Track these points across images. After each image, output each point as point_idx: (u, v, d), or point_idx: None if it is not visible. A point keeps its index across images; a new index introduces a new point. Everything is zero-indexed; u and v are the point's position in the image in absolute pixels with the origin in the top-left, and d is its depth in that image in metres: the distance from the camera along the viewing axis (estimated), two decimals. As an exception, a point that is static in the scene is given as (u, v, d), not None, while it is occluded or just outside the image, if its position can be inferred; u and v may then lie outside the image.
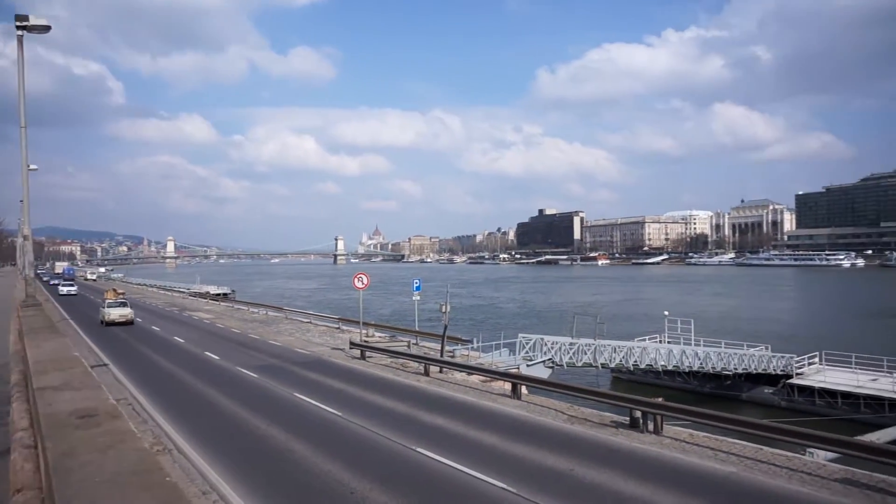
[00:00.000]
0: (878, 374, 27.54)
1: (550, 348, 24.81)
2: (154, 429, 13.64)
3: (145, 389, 17.90)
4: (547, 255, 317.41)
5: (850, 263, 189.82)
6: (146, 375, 20.47)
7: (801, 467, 11.41)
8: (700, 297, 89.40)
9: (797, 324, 59.31)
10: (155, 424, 14.06)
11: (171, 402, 16.47)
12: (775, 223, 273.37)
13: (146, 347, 27.58)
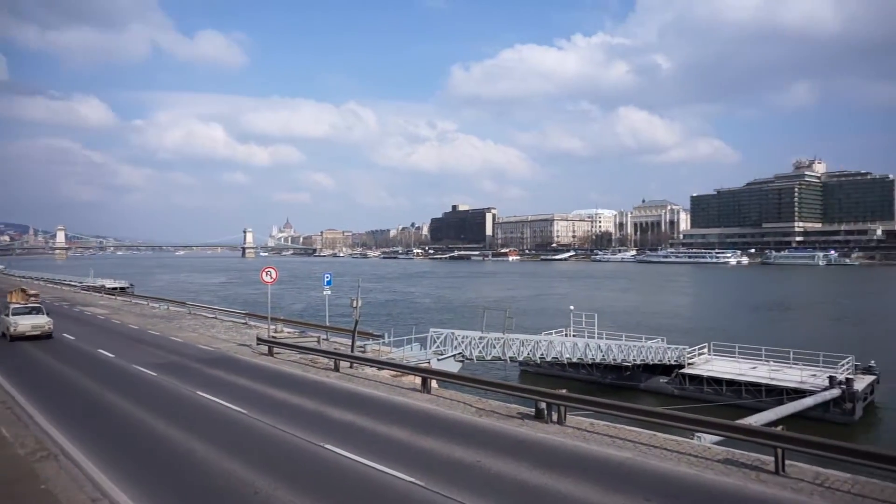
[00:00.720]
0: (757, 363, 29.98)
1: (461, 342, 25.17)
2: (38, 433, 12.68)
3: (27, 390, 16.60)
4: (460, 250, 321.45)
5: (736, 261, 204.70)
6: (28, 375, 18.99)
7: (690, 450, 12.25)
8: (604, 293, 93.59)
9: (690, 317, 63.39)
10: (39, 429, 13.08)
11: (58, 403, 15.37)
12: (672, 222, 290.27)
13: (27, 344, 25.53)
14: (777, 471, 10.69)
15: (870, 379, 26.90)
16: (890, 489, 10.01)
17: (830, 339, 40.83)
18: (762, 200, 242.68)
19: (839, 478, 10.51)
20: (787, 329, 51.76)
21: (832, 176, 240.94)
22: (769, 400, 25.68)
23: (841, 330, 50.82)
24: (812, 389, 25.40)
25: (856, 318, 60.46)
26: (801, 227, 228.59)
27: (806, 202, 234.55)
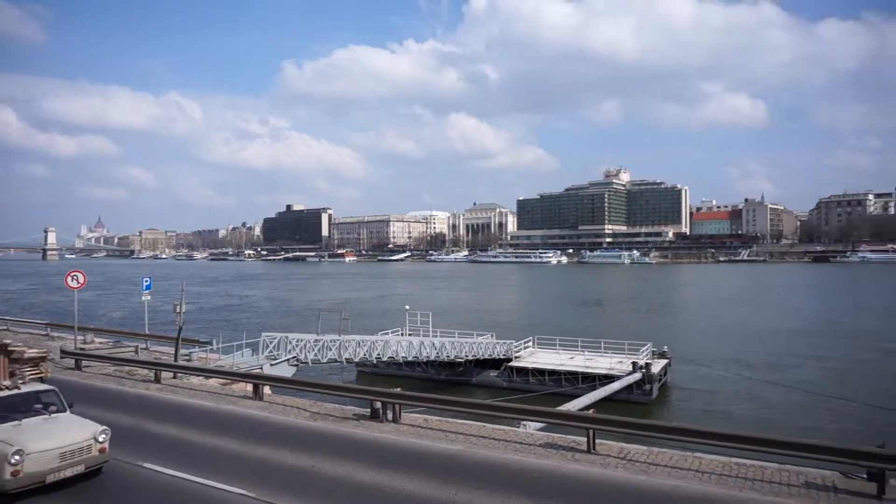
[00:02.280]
0: (574, 353, 32.86)
1: (295, 346, 24.52)
2: None
3: None
4: (295, 251, 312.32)
5: (557, 261, 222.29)
6: None
7: (515, 438, 13.13)
8: (442, 292, 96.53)
9: (517, 313, 67.64)
10: None
11: None
12: (501, 224, 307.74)
13: None
14: (589, 449, 11.87)
15: (664, 362, 30.63)
16: (677, 455, 11.58)
17: (634, 328, 45.97)
18: (579, 205, 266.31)
19: (639, 450, 11.94)
20: (600, 321, 57.31)
21: (635, 184, 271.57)
22: (584, 386, 28.13)
23: (642, 320, 57.41)
24: (619, 375, 28.32)
25: (653, 309, 68.73)
26: (610, 230, 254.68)
27: (614, 207, 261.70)
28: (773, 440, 10.57)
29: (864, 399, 25.02)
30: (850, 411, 23.73)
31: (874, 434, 19.22)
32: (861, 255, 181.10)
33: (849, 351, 38.51)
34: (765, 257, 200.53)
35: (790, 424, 22.88)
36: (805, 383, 28.85)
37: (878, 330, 47.35)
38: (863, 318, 56.89)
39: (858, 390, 27.65)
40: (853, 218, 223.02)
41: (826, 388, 27.82)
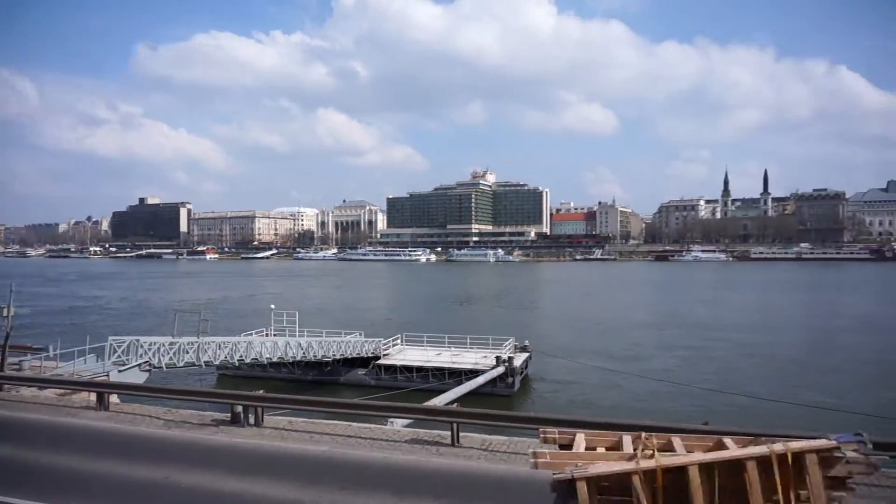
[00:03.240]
0: (442, 349, 33.63)
1: (147, 350, 22.82)
2: None
3: None
4: (149, 248, 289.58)
5: (426, 259, 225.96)
6: None
7: (382, 436, 13.21)
8: (307, 290, 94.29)
9: (386, 311, 67.89)
10: None
11: None
12: (371, 222, 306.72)
13: None
14: (453, 443, 12.24)
15: (525, 356, 32.28)
16: (535, 443, 12.27)
17: (498, 324, 47.97)
18: (447, 204, 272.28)
19: (500, 440, 12.51)
20: (467, 318, 59.12)
21: (500, 185, 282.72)
22: (451, 381, 28.87)
23: (506, 316, 60.03)
24: (484, 369, 29.40)
25: (516, 305, 72.07)
26: (477, 229, 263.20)
27: (481, 207, 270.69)
28: (616, 423, 11.53)
29: (700, 383, 28.07)
30: (691, 394, 26.37)
31: (705, 412, 21.65)
32: (694, 255, 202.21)
33: (689, 340, 42.91)
34: (615, 256, 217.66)
35: (637, 408, 25.13)
36: (653, 371, 31.73)
37: (707, 321, 53.21)
38: (697, 310, 63.61)
39: (699, 375, 30.99)
40: (688, 221, 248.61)
41: (671, 374, 30.81)
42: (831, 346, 40.78)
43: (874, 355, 36.71)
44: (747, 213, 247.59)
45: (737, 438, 7.62)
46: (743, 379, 30.37)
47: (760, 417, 22.35)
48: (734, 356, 37.09)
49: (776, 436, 7.94)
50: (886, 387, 28.95)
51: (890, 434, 10.48)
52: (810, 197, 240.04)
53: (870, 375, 31.62)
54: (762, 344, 40.97)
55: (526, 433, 12.89)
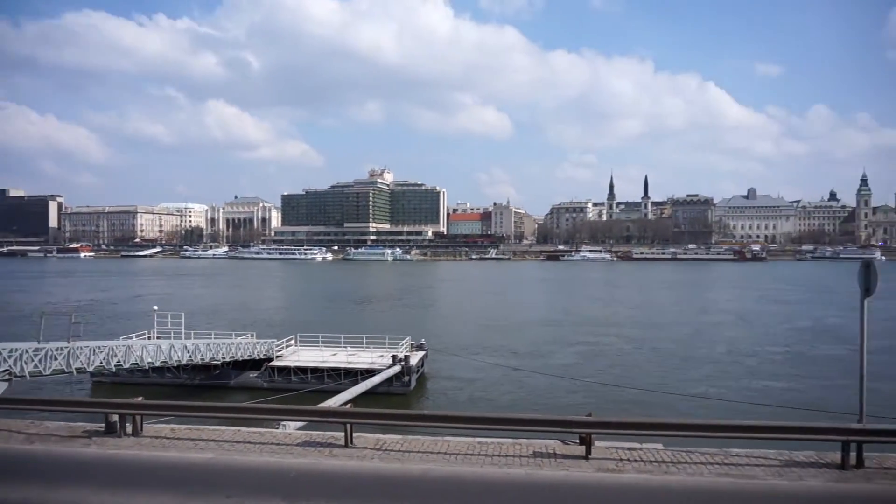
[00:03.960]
0: (337, 349, 33.12)
1: (7, 357, 20.68)
2: None
3: None
4: (11, 244, 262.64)
5: (322, 257, 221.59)
6: None
7: (272, 440, 12.79)
8: (196, 290, 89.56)
9: (281, 311, 65.87)
10: None
11: None
12: (265, 220, 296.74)
13: None
14: (347, 443, 12.09)
15: (421, 354, 32.47)
16: (429, 441, 12.40)
17: (395, 323, 48.00)
18: (344, 202, 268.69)
19: (394, 439, 12.51)
20: (364, 317, 58.65)
21: (398, 184, 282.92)
22: (347, 382, 28.47)
23: (403, 315, 60.13)
24: (380, 368, 29.24)
25: (413, 304, 72.41)
26: (374, 228, 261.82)
27: (378, 206, 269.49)
28: (505, 418, 11.94)
29: (594, 377, 29.45)
30: (587, 389, 27.47)
31: (589, 404, 22.80)
32: (582, 255, 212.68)
33: (584, 336, 44.86)
34: (509, 256, 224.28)
35: (532, 402, 26.01)
36: (551, 366, 32.84)
37: (599, 318, 56.10)
38: (590, 307, 66.89)
39: (595, 369, 32.52)
40: (577, 223, 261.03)
41: (569, 370, 32.00)
42: (709, 339, 44.08)
43: (748, 347, 40.19)
44: (630, 215, 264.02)
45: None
46: (635, 372, 32.18)
47: (646, 406, 23.92)
48: (626, 351, 39.23)
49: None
50: (759, 376, 31.81)
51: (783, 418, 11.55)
52: (684, 202, 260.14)
53: (746, 366, 34.49)
54: (650, 338, 43.64)
55: (420, 431, 13.00)
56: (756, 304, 69.95)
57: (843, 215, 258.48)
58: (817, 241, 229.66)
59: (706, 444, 12.12)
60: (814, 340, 42.19)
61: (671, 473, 10.79)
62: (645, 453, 11.81)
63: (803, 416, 15.67)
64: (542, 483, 10.24)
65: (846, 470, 10.97)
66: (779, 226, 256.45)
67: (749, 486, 10.27)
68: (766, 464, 11.33)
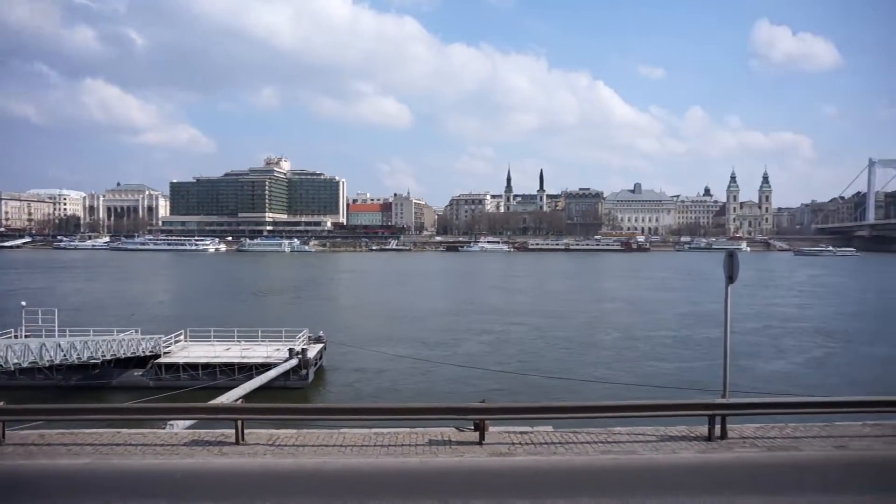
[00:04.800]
0: (231, 344, 31.85)
1: None
2: None
3: None
4: None
5: (215, 248, 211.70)
6: None
7: (156, 440, 12.13)
8: (73, 284, 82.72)
9: (170, 305, 62.36)
10: None
11: None
12: (151, 208, 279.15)
13: None
14: (237, 441, 11.69)
15: (319, 347, 31.94)
16: (324, 434, 12.26)
17: (293, 315, 46.82)
18: (238, 191, 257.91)
19: (288, 434, 12.26)
20: (259, 310, 56.70)
21: (296, 173, 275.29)
22: (241, 377, 27.49)
23: (301, 307, 58.80)
24: (276, 362, 28.48)
25: (312, 296, 71.00)
26: (271, 218, 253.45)
27: (275, 195, 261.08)
28: (401, 408, 12.04)
29: (494, 364, 30.15)
30: (487, 375, 27.93)
31: (492, 391, 23.48)
32: (481, 246, 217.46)
33: (489, 325, 45.75)
34: (410, 247, 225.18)
35: (435, 392, 26.24)
36: (453, 356, 33.31)
37: (503, 307, 57.59)
38: (493, 296, 68.46)
39: (500, 358, 33.22)
40: (476, 214, 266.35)
41: (475, 359, 32.49)
42: (606, 325, 46.41)
43: (640, 332, 42.76)
44: (527, 208, 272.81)
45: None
46: (537, 359, 33.24)
47: (547, 391, 24.89)
48: (528, 339, 40.39)
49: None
50: (651, 358, 33.96)
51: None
52: (576, 195, 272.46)
53: (639, 350, 36.67)
54: (551, 326, 45.32)
55: (316, 425, 12.82)
56: (645, 291, 74.72)
57: (715, 209, 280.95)
58: (693, 233, 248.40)
59: (592, 425, 12.86)
60: (696, 325, 45.58)
61: (559, 454, 11.34)
62: (536, 436, 12.32)
63: (679, 394, 16.90)
64: (437, 470, 10.43)
65: (712, 441, 12.02)
66: (661, 219, 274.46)
67: (629, 461, 11.00)
68: (644, 440, 12.18)
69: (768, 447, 11.74)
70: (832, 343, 38.42)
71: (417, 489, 9.58)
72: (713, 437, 12.12)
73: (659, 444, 11.89)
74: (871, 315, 51.91)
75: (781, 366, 31.86)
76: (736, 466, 10.86)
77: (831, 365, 32.12)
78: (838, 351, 36.09)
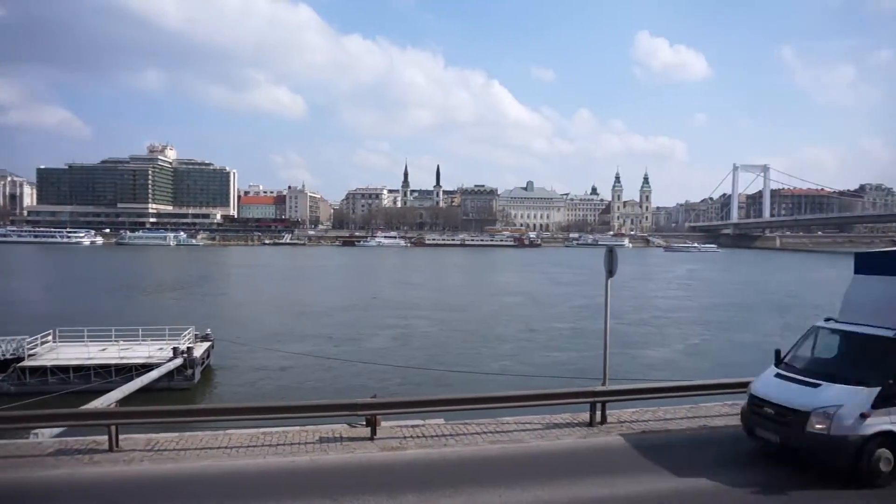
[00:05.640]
0: (108, 344, 29.60)
1: None
2: None
3: None
4: None
5: (91, 241, 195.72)
6: None
7: (17, 452, 11.11)
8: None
9: (36, 303, 56.90)
10: None
11: None
12: (14, 196, 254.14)
13: None
14: (111, 447, 10.94)
15: (206, 345, 30.45)
16: (208, 436, 11.74)
17: (178, 313, 44.32)
18: (118, 180, 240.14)
19: (168, 438, 11.64)
20: (141, 307, 53.11)
21: (182, 163, 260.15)
22: (119, 379, 25.64)
23: (187, 303, 55.73)
24: (159, 362, 26.84)
25: (203, 292, 67.48)
26: (154, 209, 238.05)
27: (159, 185, 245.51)
28: (291, 406, 11.79)
29: (392, 360, 29.77)
30: (384, 371, 27.67)
31: (387, 387, 23.42)
32: (378, 241, 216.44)
33: (389, 319, 45.30)
34: (304, 241, 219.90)
35: (333, 388, 25.66)
36: (353, 352, 32.64)
37: (405, 301, 57.45)
38: (394, 291, 68.12)
39: (395, 352, 32.92)
40: (373, 209, 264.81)
41: (371, 354, 31.96)
42: (507, 318, 47.34)
43: (540, 324, 43.99)
44: (423, 203, 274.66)
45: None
46: (439, 353, 33.25)
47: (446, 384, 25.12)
48: (431, 333, 40.34)
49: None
50: (549, 349, 35.08)
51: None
52: (472, 191, 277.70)
53: (538, 342, 37.64)
54: (453, 320, 45.65)
55: (200, 427, 12.24)
56: (541, 285, 77.46)
57: (601, 207, 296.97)
58: (582, 230, 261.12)
59: (483, 416, 13.22)
60: (591, 317, 47.65)
61: (449, 445, 11.57)
62: (427, 429, 12.50)
63: (571, 383, 17.68)
64: (327, 468, 10.32)
65: (593, 426, 12.77)
66: (551, 216, 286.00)
67: (516, 449, 11.43)
68: (531, 428, 12.71)
69: (642, 429, 12.63)
70: (708, 332, 41.72)
71: (307, 488, 9.43)
72: (594, 422, 12.86)
73: (545, 432, 12.45)
74: (739, 305, 56.83)
75: (666, 353, 34.20)
76: (613, 449, 11.60)
77: (706, 351, 34.86)
78: (712, 338, 39.25)
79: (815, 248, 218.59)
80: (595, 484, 9.67)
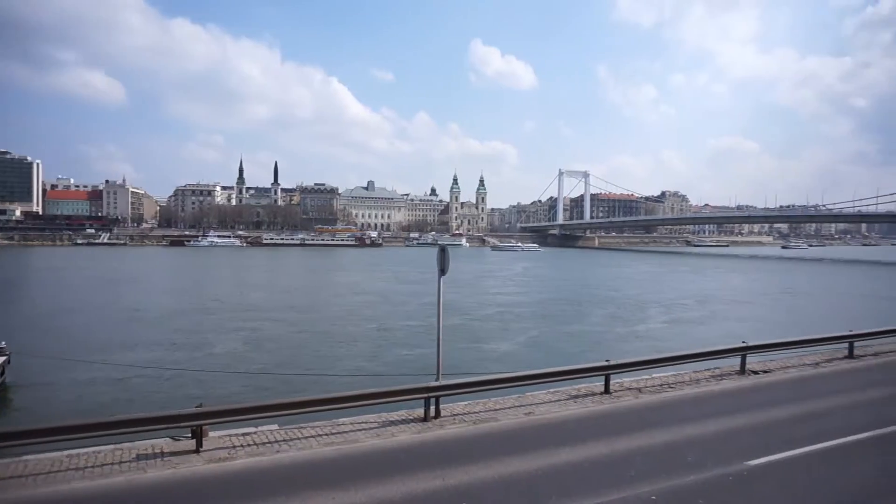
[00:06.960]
0: None
1: None
2: None
3: None
4: None
5: None
6: None
7: None
8: None
9: None
10: None
11: None
12: None
13: None
14: None
15: (1, 360, 26.62)
16: (1, 464, 10.28)
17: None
18: None
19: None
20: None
21: None
22: None
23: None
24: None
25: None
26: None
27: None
28: (102, 423, 10.67)
29: (239, 367, 27.98)
30: (223, 378, 25.91)
31: (216, 395, 22.05)
32: (210, 240, 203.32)
33: (235, 322, 42.31)
34: (126, 240, 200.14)
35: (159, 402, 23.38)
36: (183, 360, 30.11)
37: (246, 304, 54.19)
38: (234, 293, 63.99)
39: (241, 359, 30.84)
40: (205, 206, 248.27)
41: (210, 360, 29.83)
42: (359, 318, 46.23)
43: (393, 322, 43.67)
44: (260, 201, 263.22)
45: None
46: (291, 356, 31.75)
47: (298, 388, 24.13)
48: (284, 335, 38.31)
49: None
50: (401, 346, 34.88)
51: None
52: (312, 190, 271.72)
53: (391, 339, 37.36)
54: (305, 321, 43.77)
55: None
56: (389, 283, 77.50)
57: (440, 208, 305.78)
58: (422, 230, 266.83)
59: (318, 418, 12.99)
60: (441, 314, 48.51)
61: (283, 451, 11.25)
62: (259, 436, 12.04)
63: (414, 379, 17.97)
64: (145, 487, 9.52)
65: (428, 421, 13.14)
66: (392, 215, 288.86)
67: (351, 449, 11.42)
68: (367, 427, 12.77)
69: (474, 421, 13.25)
70: (545, 325, 44.48)
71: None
72: (429, 417, 13.24)
73: (380, 430, 12.58)
74: (570, 300, 61.42)
75: (509, 346, 35.85)
76: (447, 442, 12.03)
77: (543, 343, 37.18)
78: (549, 331, 41.93)
79: (626, 246, 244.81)
80: (428, 477, 9.96)
